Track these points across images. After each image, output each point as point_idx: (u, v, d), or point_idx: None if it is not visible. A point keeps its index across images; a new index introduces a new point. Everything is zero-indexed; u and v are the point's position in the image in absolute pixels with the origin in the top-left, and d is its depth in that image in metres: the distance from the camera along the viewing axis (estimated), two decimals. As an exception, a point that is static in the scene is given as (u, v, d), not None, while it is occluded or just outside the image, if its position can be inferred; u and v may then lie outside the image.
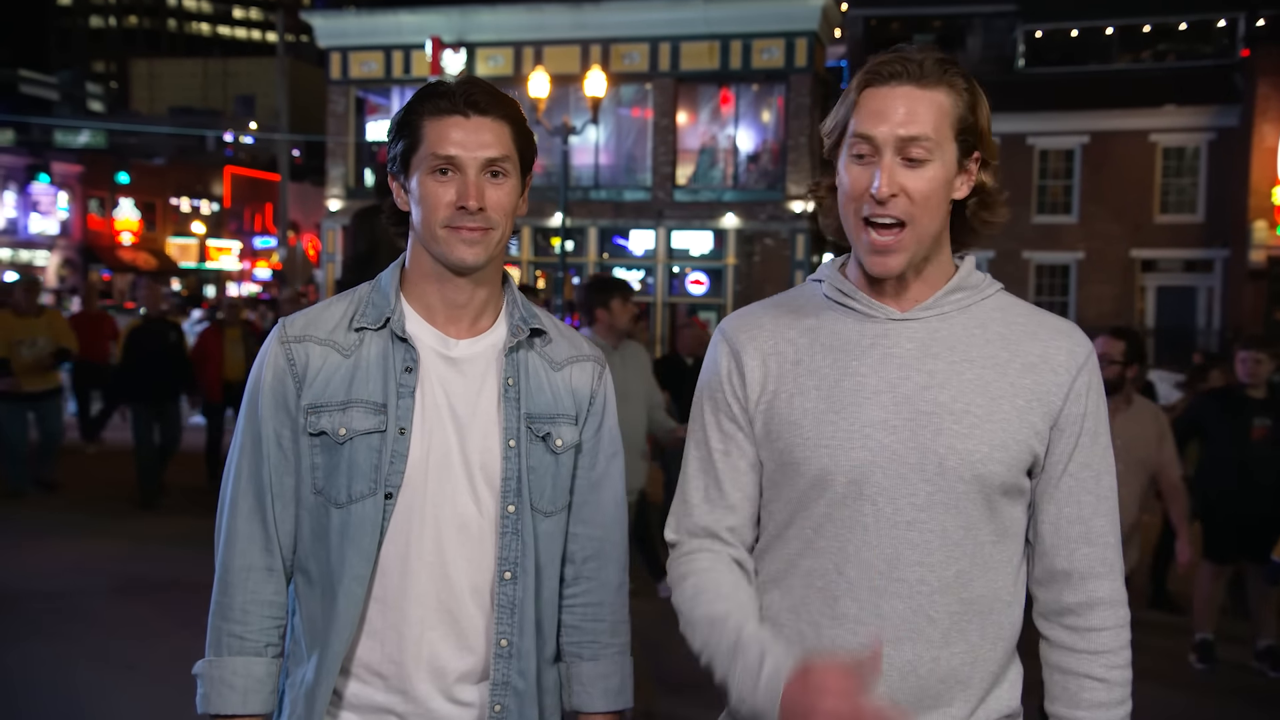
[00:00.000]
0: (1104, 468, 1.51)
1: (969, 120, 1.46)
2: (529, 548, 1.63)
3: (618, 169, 23.45)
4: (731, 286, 22.18)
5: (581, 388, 1.71)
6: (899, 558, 1.45)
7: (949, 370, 1.47)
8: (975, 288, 1.54)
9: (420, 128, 1.60)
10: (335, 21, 24.67)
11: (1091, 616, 1.50)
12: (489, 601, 1.62)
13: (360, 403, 1.59)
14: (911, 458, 1.45)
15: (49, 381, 8.73)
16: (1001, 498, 1.46)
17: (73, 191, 35.80)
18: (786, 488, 1.53)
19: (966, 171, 1.49)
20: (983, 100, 1.49)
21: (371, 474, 1.58)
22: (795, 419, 1.51)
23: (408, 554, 1.59)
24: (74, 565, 6.73)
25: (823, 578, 1.49)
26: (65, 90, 62.43)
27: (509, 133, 1.61)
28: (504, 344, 1.66)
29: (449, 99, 1.59)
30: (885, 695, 1.45)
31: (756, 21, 21.69)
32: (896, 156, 1.43)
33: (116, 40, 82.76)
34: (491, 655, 1.62)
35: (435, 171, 1.58)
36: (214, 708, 1.59)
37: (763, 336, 1.58)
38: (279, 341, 1.63)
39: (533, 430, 1.64)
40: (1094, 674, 1.49)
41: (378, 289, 1.67)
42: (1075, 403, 1.49)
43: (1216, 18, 26.62)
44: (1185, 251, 23.95)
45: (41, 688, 4.70)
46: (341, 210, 24.22)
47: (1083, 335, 1.53)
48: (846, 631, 1.47)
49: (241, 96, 59.12)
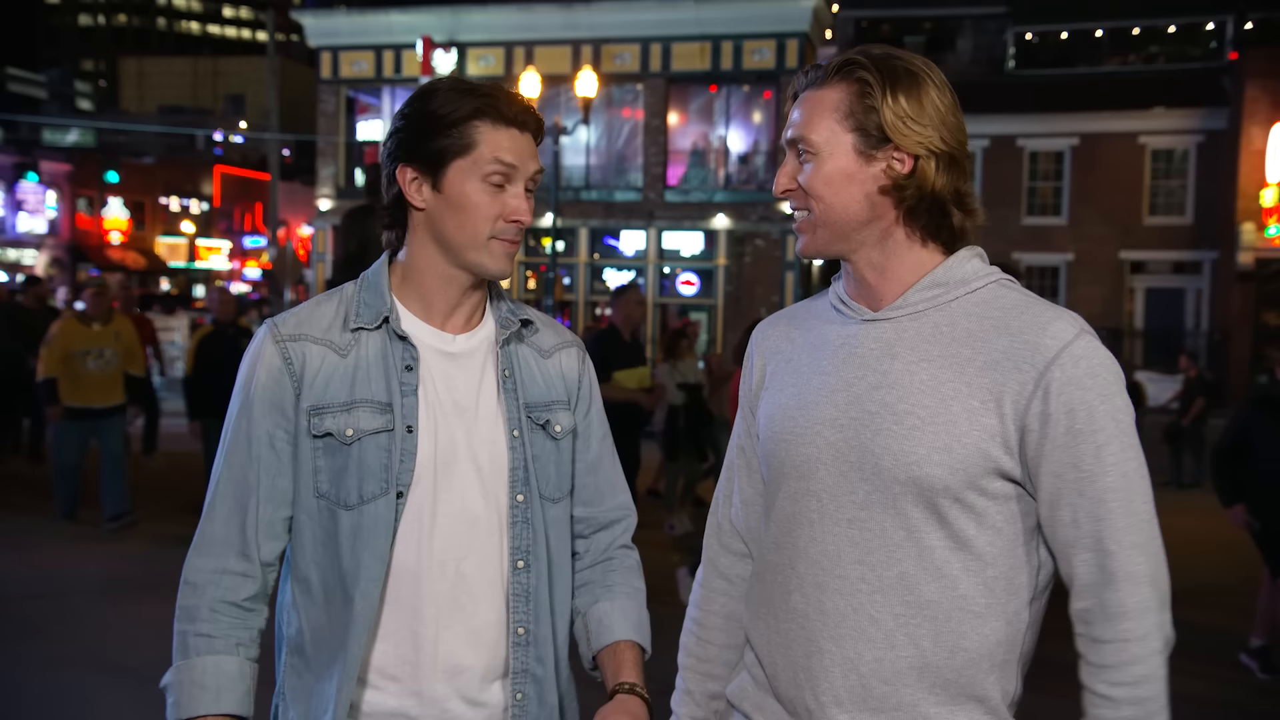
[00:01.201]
0: (1099, 469, 1.39)
1: (867, 112, 1.45)
2: (540, 535, 1.64)
3: (609, 169, 23.45)
4: (722, 287, 22.19)
5: (570, 373, 1.75)
6: (840, 555, 1.47)
7: (903, 370, 1.46)
8: (960, 282, 1.50)
9: (472, 131, 1.58)
10: (326, 21, 24.62)
11: (1094, 626, 1.41)
12: (503, 594, 1.62)
13: (365, 403, 1.57)
14: (853, 456, 1.47)
15: (112, 397, 7.87)
16: (951, 503, 1.42)
17: (61, 190, 35.65)
18: (766, 480, 1.62)
19: (880, 161, 1.47)
20: (896, 91, 1.44)
21: (382, 474, 1.56)
22: (770, 413, 1.60)
23: (419, 552, 1.58)
24: (67, 567, 6.71)
25: (781, 571, 1.54)
26: (54, 88, 62.22)
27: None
28: (496, 337, 1.68)
29: (508, 107, 1.60)
30: (828, 692, 1.46)
31: (748, 22, 21.71)
32: (795, 156, 1.53)
33: (105, 38, 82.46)
34: (510, 647, 1.62)
35: (490, 180, 1.58)
36: (184, 711, 1.52)
37: (772, 338, 1.68)
38: (273, 341, 1.60)
39: (533, 419, 1.66)
40: (1097, 689, 1.41)
41: (368, 288, 1.65)
42: (1040, 400, 1.39)
43: (1205, 20, 26.76)
44: (1174, 253, 24.06)
45: (35, 690, 4.68)
46: (332, 210, 24.17)
47: (1064, 326, 1.42)
48: (796, 626, 1.51)
49: (231, 96, 58.93)
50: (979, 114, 23.38)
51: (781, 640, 1.53)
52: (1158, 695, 1.39)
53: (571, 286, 23.37)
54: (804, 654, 1.49)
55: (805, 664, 1.49)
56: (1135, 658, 1.39)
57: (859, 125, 1.46)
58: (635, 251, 23.09)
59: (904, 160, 1.46)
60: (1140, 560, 1.40)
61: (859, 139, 1.47)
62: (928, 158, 1.46)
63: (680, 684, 1.72)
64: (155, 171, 39.96)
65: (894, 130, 1.45)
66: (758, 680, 1.59)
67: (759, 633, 1.58)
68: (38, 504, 8.49)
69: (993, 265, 1.56)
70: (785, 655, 1.52)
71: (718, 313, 22.14)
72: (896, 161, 1.46)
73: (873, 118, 1.46)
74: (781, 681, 1.53)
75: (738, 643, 1.69)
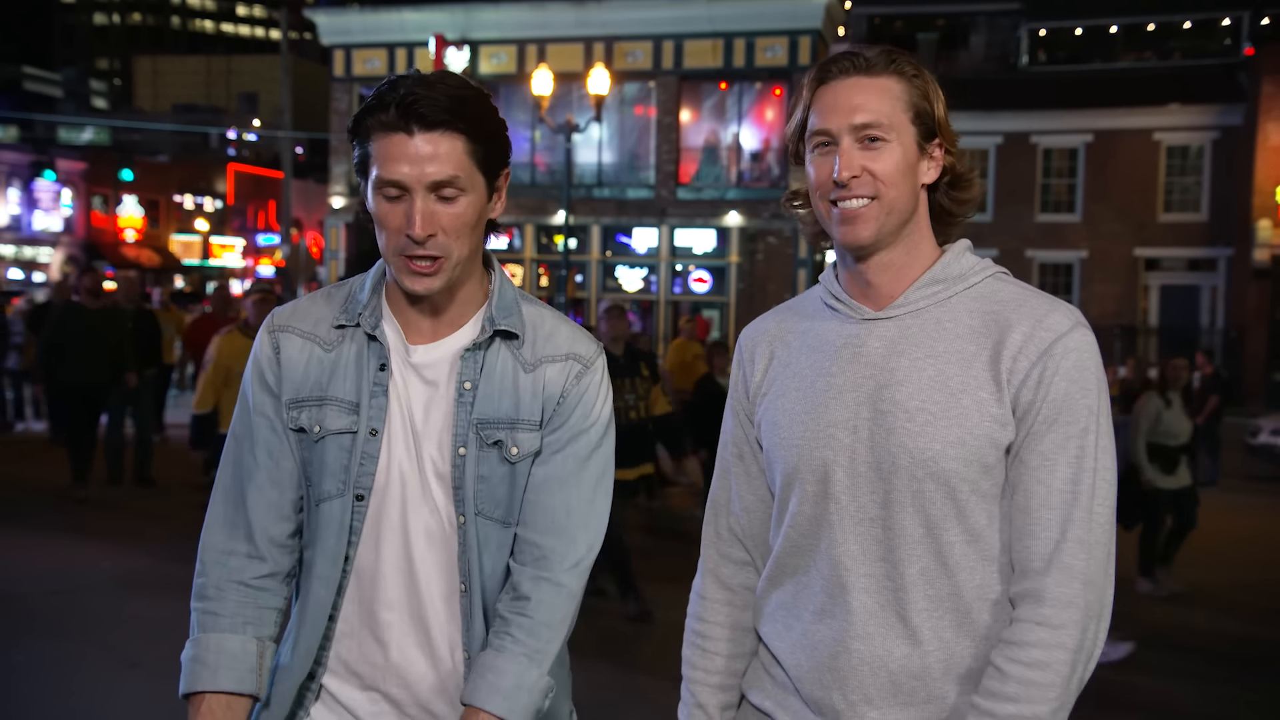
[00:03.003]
0: (1064, 459, 1.40)
1: (923, 106, 1.49)
2: (475, 559, 1.57)
3: (621, 167, 23.44)
4: (734, 285, 22.16)
5: (552, 388, 1.60)
6: (864, 554, 1.48)
7: (910, 367, 1.48)
8: (958, 278, 1.53)
9: (368, 142, 1.50)
10: (338, 19, 24.68)
11: (1018, 608, 1.41)
12: (454, 612, 1.60)
13: (335, 401, 1.57)
14: (869, 456, 1.48)
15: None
16: (970, 494, 1.44)
17: (76, 188, 35.83)
18: (776, 487, 1.60)
19: (930, 156, 1.52)
20: (936, 89, 1.51)
21: (341, 474, 1.56)
22: (776, 419, 1.58)
23: (379, 558, 1.57)
24: (80, 563, 6.74)
25: (802, 574, 1.55)
26: (69, 87, 62.52)
27: (461, 146, 1.49)
28: (463, 347, 1.59)
29: (393, 111, 1.47)
30: (858, 690, 1.47)
31: (760, 19, 21.67)
32: (855, 143, 1.48)
33: (120, 37, 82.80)
34: (462, 666, 1.60)
35: (382, 196, 1.50)
36: (185, 687, 1.54)
37: (765, 341, 1.66)
38: (266, 330, 1.63)
39: (483, 437, 1.56)
40: (994, 661, 1.40)
41: (360, 284, 1.65)
42: (1030, 388, 1.42)
43: (1221, 16, 26.58)
44: (1189, 250, 23.93)
45: (47, 686, 4.71)
46: (345, 207, 24.24)
47: (1060, 318, 1.45)
48: (821, 627, 1.51)
49: (245, 94, 59.14)
50: (992, 111, 23.30)
51: (806, 641, 1.53)
52: (1048, 686, 1.36)
53: (584, 284, 23.37)
54: (830, 654, 1.50)
55: (832, 664, 1.49)
56: (1040, 642, 1.37)
57: (919, 118, 1.49)
58: (647, 249, 23.08)
59: (939, 158, 1.53)
60: (1081, 556, 1.40)
61: (919, 132, 1.50)
62: (958, 156, 1.54)
63: (690, 698, 1.69)
64: (169, 169, 40.12)
65: (943, 127, 1.51)
66: (778, 680, 1.59)
67: (778, 636, 1.58)
68: (52, 501, 8.54)
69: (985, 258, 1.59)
70: (810, 657, 1.52)
71: (730, 310, 22.11)
72: (935, 159, 1.52)
73: (929, 111, 1.49)
74: (807, 683, 1.53)
75: (744, 652, 1.67)
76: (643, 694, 4.68)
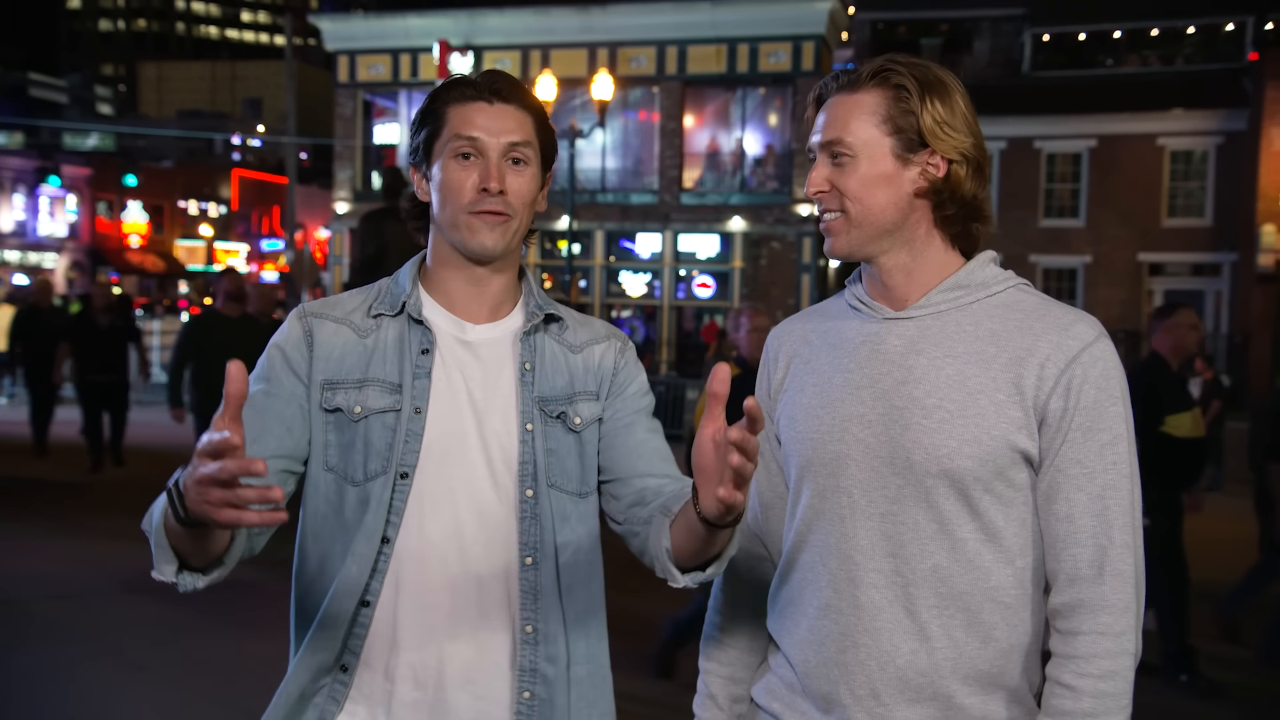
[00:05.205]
0: (1100, 466, 1.44)
1: (903, 117, 1.50)
2: (548, 531, 1.61)
3: (625, 172, 23.48)
4: (738, 290, 22.17)
5: (605, 364, 1.71)
6: (874, 549, 1.50)
7: (929, 365, 1.50)
8: (980, 285, 1.55)
9: (443, 114, 1.61)
10: (343, 25, 24.76)
11: (1072, 619, 1.44)
12: (515, 587, 1.60)
13: (376, 382, 1.59)
14: (883, 451, 1.50)
15: None
16: (983, 493, 1.46)
17: (81, 194, 35.95)
18: (790, 481, 1.63)
19: (916, 164, 1.52)
20: (934, 96, 1.51)
21: (385, 453, 1.57)
22: (793, 413, 1.61)
23: (421, 536, 1.58)
24: (83, 566, 6.76)
25: (811, 569, 1.56)
26: (74, 93, 62.71)
27: (531, 122, 1.63)
28: (520, 329, 1.67)
29: (474, 86, 1.61)
30: (865, 685, 1.49)
31: (763, 25, 21.72)
32: (827, 158, 1.55)
33: (125, 43, 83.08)
34: (517, 643, 1.60)
35: (458, 155, 1.59)
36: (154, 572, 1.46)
37: (789, 340, 1.70)
38: (297, 318, 1.65)
39: (546, 411, 1.63)
40: (1062, 679, 1.42)
41: (395, 280, 1.69)
42: (1060, 397, 1.44)
43: (1225, 21, 26.59)
44: (1193, 255, 23.91)
45: (51, 689, 4.72)
46: (349, 213, 24.28)
47: (1085, 328, 1.48)
48: (829, 621, 1.52)
49: (249, 99, 59.31)
50: (996, 115, 23.31)
51: (813, 637, 1.54)
52: (1120, 694, 1.42)
53: (588, 289, 23.40)
54: (838, 649, 1.51)
55: (839, 659, 1.51)
56: (1107, 652, 1.41)
57: (898, 129, 1.51)
58: (651, 254, 23.11)
59: (939, 165, 1.52)
60: (1129, 560, 1.44)
61: (898, 142, 1.51)
62: (960, 162, 1.52)
63: (703, 688, 1.73)
64: (174, 175, 40.25)
65: (932, 135, 1.51)
66: (787, 681, 1.60)
67: (787, 631, 1.60)
68: (57, 506, 8.57)
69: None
70: (818, 652, 1.53)
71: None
72: (931, 166, 1.52)
73: (911, 122, 1.51)
74: (814, 678, 1.54)
75: (760, 645, 1.70)
76: (643, 694, 4.69)
